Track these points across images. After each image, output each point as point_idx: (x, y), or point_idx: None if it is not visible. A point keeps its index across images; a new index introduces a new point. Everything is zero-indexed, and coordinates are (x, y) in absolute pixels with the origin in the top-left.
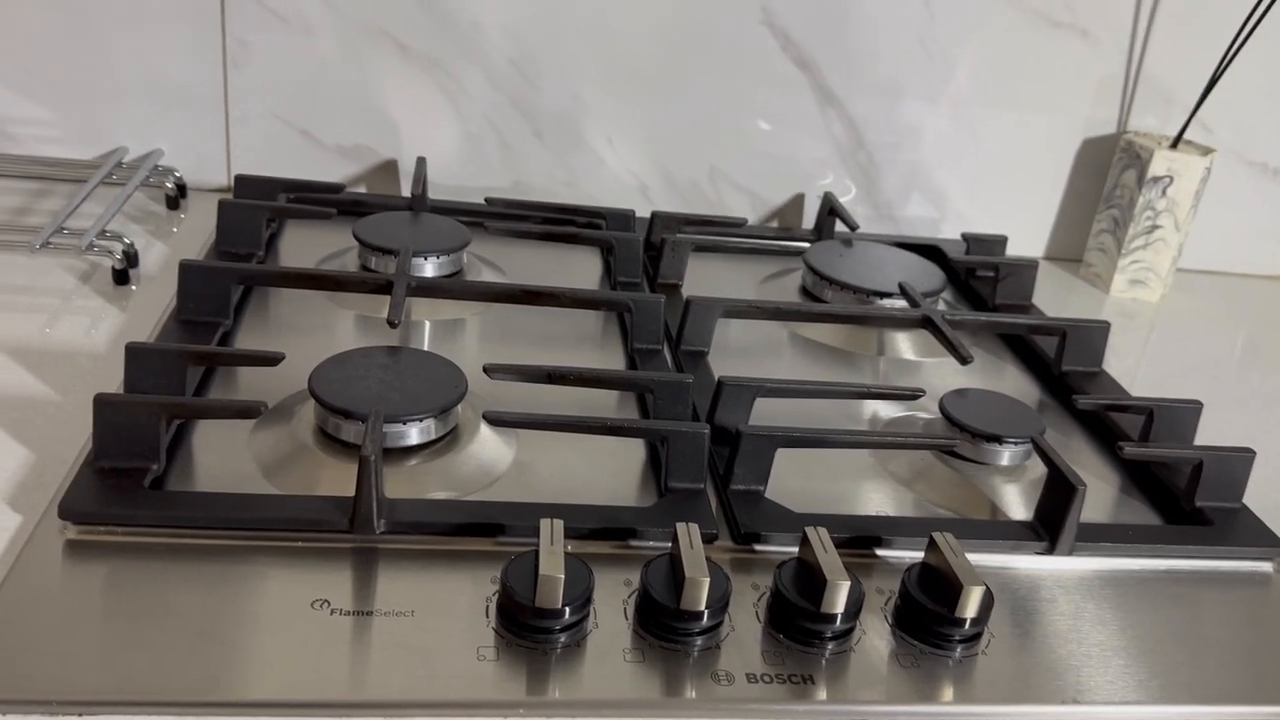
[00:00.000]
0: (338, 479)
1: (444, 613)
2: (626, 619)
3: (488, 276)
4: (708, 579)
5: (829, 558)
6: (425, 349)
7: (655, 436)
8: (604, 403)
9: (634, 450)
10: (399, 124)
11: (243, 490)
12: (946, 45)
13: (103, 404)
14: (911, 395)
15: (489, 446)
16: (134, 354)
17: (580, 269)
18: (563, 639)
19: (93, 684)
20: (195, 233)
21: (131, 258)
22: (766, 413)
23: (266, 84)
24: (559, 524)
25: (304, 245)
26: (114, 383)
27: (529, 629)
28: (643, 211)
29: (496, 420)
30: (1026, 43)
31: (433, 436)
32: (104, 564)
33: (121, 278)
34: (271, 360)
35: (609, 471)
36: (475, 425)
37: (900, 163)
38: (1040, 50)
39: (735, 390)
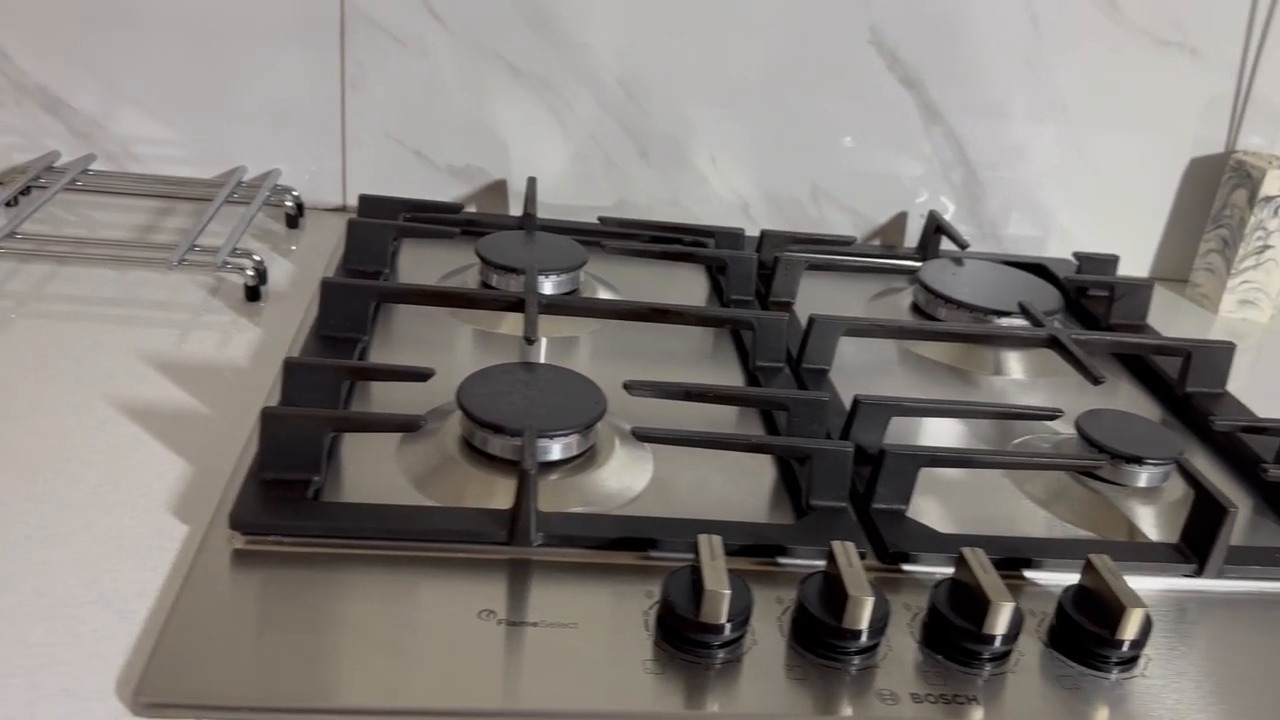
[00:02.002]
0: (484, 491)
1: (605, 625)
2: (782, 635)
3: (602, 294)
4: (872, 598)
5: (990, 578)
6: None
7: (798, 454)
8: (724, 419)
9: (765, 467)
10: (508, 144)
11: (397, 501)
12: (1053, 64)
13: (269, 417)
14: (1049, 416)
15: (626, 462)
16: (291, 369)
17: (687, 286)
18: (722, 654)
19: (277, 690)
20: (314, 250)
21: (262, 274)
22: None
23: (382, 105)
24: (717, 540)
25: (422, 262)
26: (258, 395)
27: (691, 643)
28: (744, 229)
29: (645, 436)
30: (1134, 61)
31: (574, 452)
32: (272, 573)
33: (253, 294)
34: (422, 376)
35: (744, 489)
36: (611, 441)
37: (1004, 181)
38: (1147, 69)
39: (871, 409)
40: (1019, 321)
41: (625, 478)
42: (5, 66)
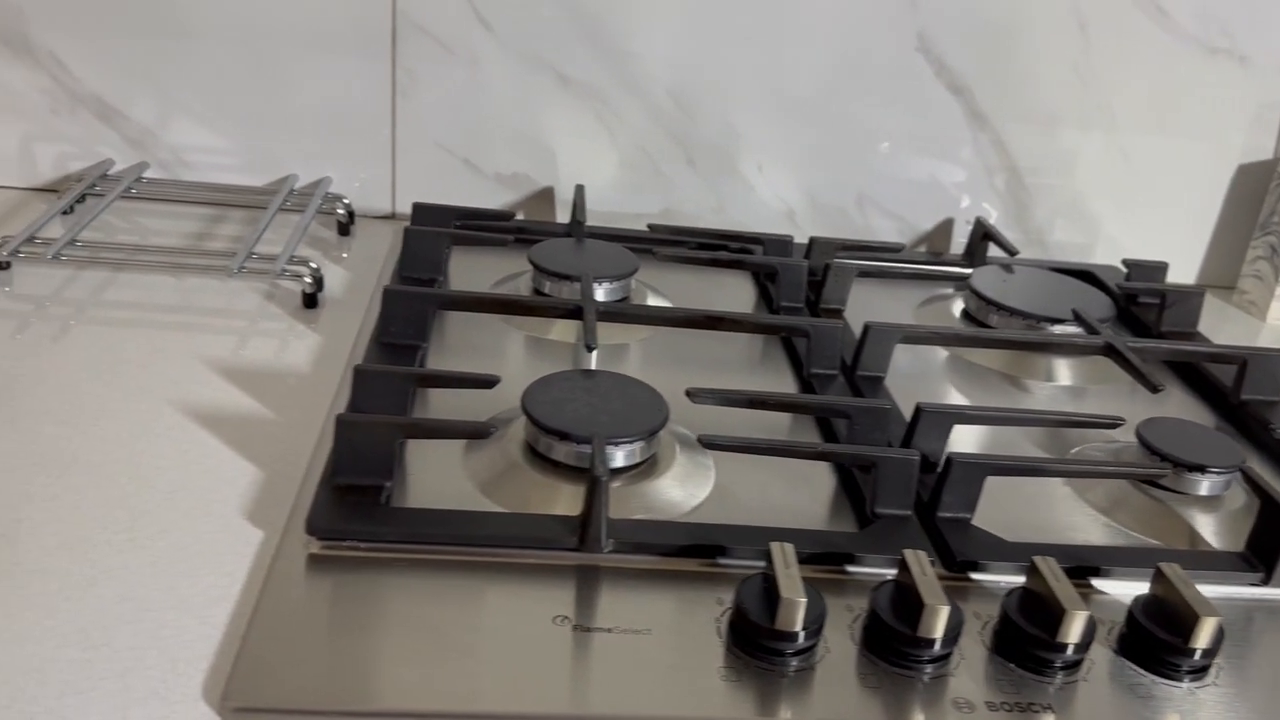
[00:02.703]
0: (549, 496)
1: (678, 631)
2: (854, 643)
3: (652, 300)
4: (948, 606)
5: (1063, 587)
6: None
7: (864, 462)
8: (776, 426)
9: (824, 475)
10: (556, 152)
11: (465, 507)
12: (1101, 72)
13: (344, 424)
14: (1111, 424)
15: (689, 469)
16: (362, 376)
17: (734, 293)
18: (795, 662)
19: (359, 694)
20: (366, 258)
21: (319, 281)
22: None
23: (431, 113)
24: (789, 548)
25: (473, 269)
26: (322, 401)
27: (765, 650)
28: (792, 236)
29: (711, 444)
30: (1182, 69)
31: (637, 459)
32: (347, 578)
33: (310, 301)
34: (488, 383)
35: (805, 496)
36: (671, 447)
37: (1051, 188)
38: (1196, 76)
39: (934, 417)
40: (1072, 329)
41: (688, 485)
42: (61, 76)
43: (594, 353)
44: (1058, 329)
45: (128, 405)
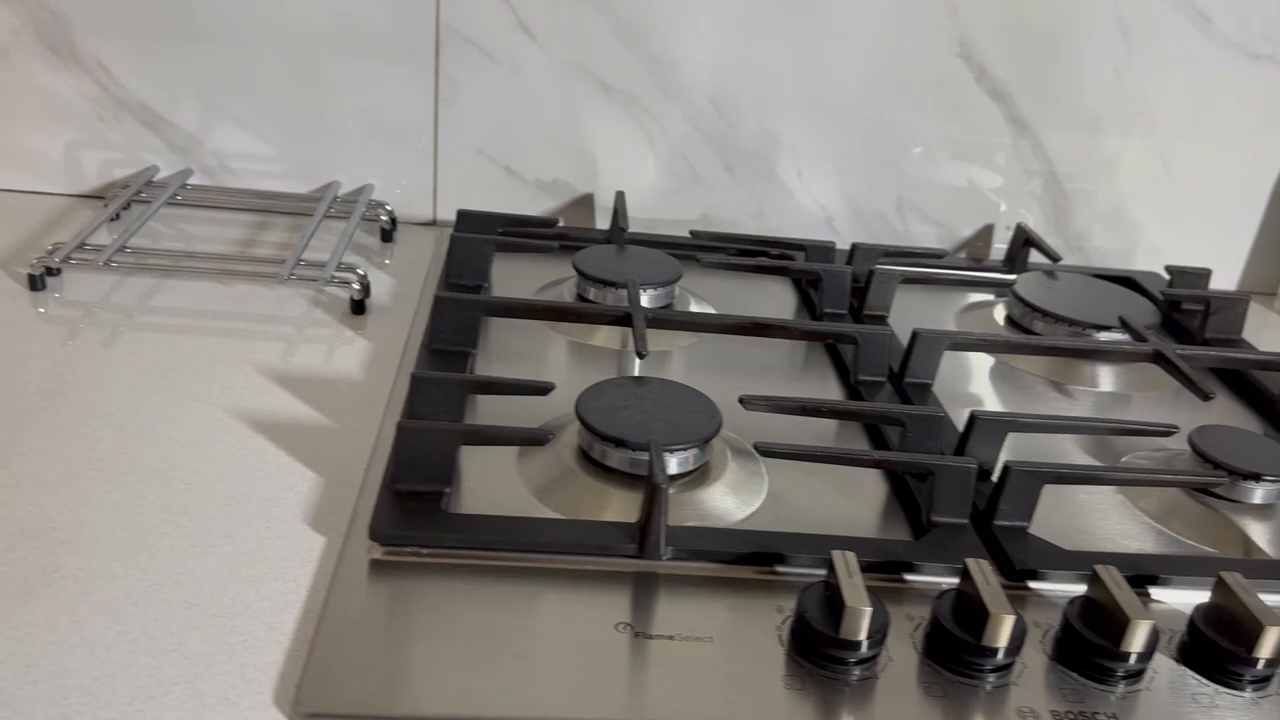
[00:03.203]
0: (603, 503)
1: (739, 639)
2: (916, 651)
3: (694, 307)
4: (1013, 616)
5: (1126, 596)
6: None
7: (921, 470)
8: (821, 432)
9: (876, 482)
10: (596, 159)
11: (521, 512)
12: (1142, 78)
13: (404, 430)
14: (1164, 432)
15: (741, 476)
16: (418, 383)
17: (774, 299)
18: (858, 671)
19: (429, 700)
20: (408, 264)
21: (366, 288)
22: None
23: (473, 120)
24: (852, 556)
25: (515, 275)
26: (375, 407)
27: (829, 659)
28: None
29: (768, 451)
30: (1224, 74)
31: (690, 467)
32: (410, 584)
33: (358, 307)
34: (542, 390)
35: (858, 504)
36: (724, 455)
37: (1092, 194)
38: (1238, 82)
39: (989, 425)
40: (1119, 336)
41: (741, 492)
42: (108, 83)
43: (629, 358)
44: (1104, 336)
45: (184, 411)
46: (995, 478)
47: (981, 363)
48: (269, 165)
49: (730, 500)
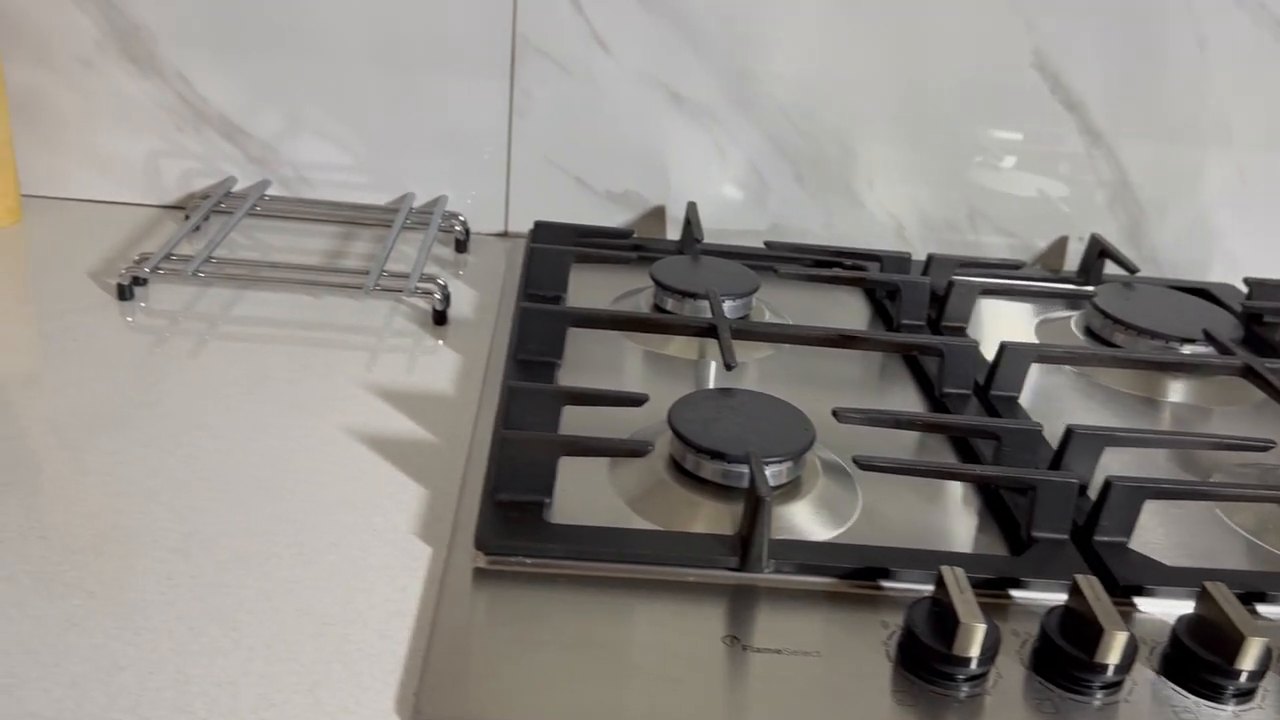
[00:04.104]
0: (696, 513)
1: (847, 654)
2: (1024, 667)
3: (769, 318)
4: (1126, 633)
5: (1239, 614)
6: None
7: (1023, 485)
8: (905, 445)
9: (968, 496)
10: (666, 170)
11: (617, 523)
12: (1218, 87)
13: (506, 441)
14: (1262, 446)
15: (834, 489)
16: (515, 393)
17: (849, 310)
18: (968, 687)
19: (546, 710)
20: (483, 274)
21: (448, 298)
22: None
23: (546, 132)
24: (961, 572)
25: (590, 285)
26: (465, 416)
27: (939, 675)
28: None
29: (868, 465)
30: None
31: (784, 480)
32: (516, 593)
33: (440, 317)
34: (637, 401)
35: (952, 518)
36: (814, 468)
37: (1167, 205)
38: None
39: (1085, 439)
40: (1203, 349)
41: (835, 505)
42: (188, 94)
43: (703, 369)
44: (1188, 349)
45: (280, 420)
46: (1096, 493)
47: (1054, 375)
48: (344, 175)
49: (824, 513)
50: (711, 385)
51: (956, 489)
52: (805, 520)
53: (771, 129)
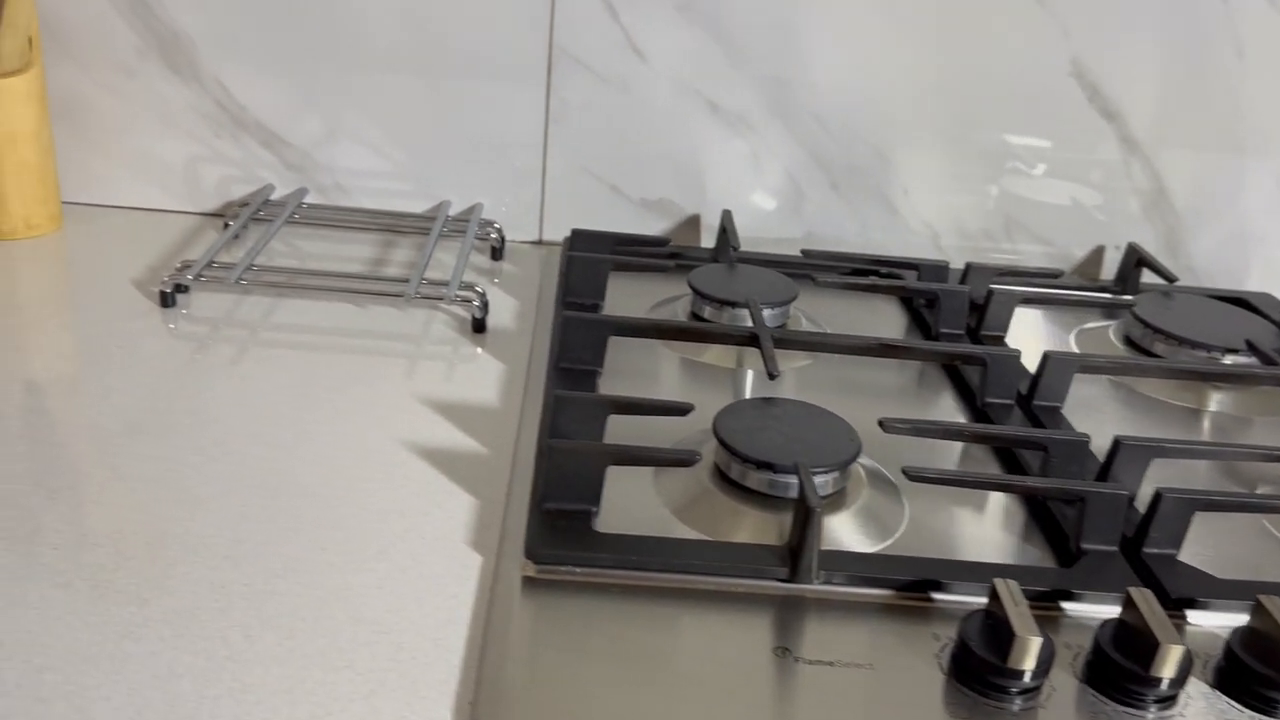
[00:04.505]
0: (741, 522)
1: (900, 666)
2: (1076, 679)
3: (806, 326)
4: (1182, 646)
5: None
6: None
7: (1072, 496)
8: (946, 455)
9: (1013, 507)
10: (702, 178)
11: (663, 532)
12: (1256, 96)
13: (554, 450)
14: None
15: (879, 500)
16: (561, 402)
17: (885, 319)
18: (1021, 700)
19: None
20: (519, 282)
21: (486, 306)
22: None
23: (581, 140)
24: (1014, 584)
25: (626, 294)
26: (508, 424)
27: (993, 688)
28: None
29: (917, 476)
30: None
31: (830, 490)
32: (566, 603)
33: (479, 325)
34: (682, 411)
35: (999, 530)
36: (859, 478)
37: (1204, 214)
38: None
39: (1133, 450)
40: (1245, 359)
41: (881, 516)
42: (227, 102)
43: (773, 380)
44: (1230, 359)
45: (325, 428)
46: (1141, 504)
47: (1090, 383)
48: (380, 182)
49: (870, 525)
50: (748, 393)
51: (999, 500)
52: (851, 531)
53: (807, 137)
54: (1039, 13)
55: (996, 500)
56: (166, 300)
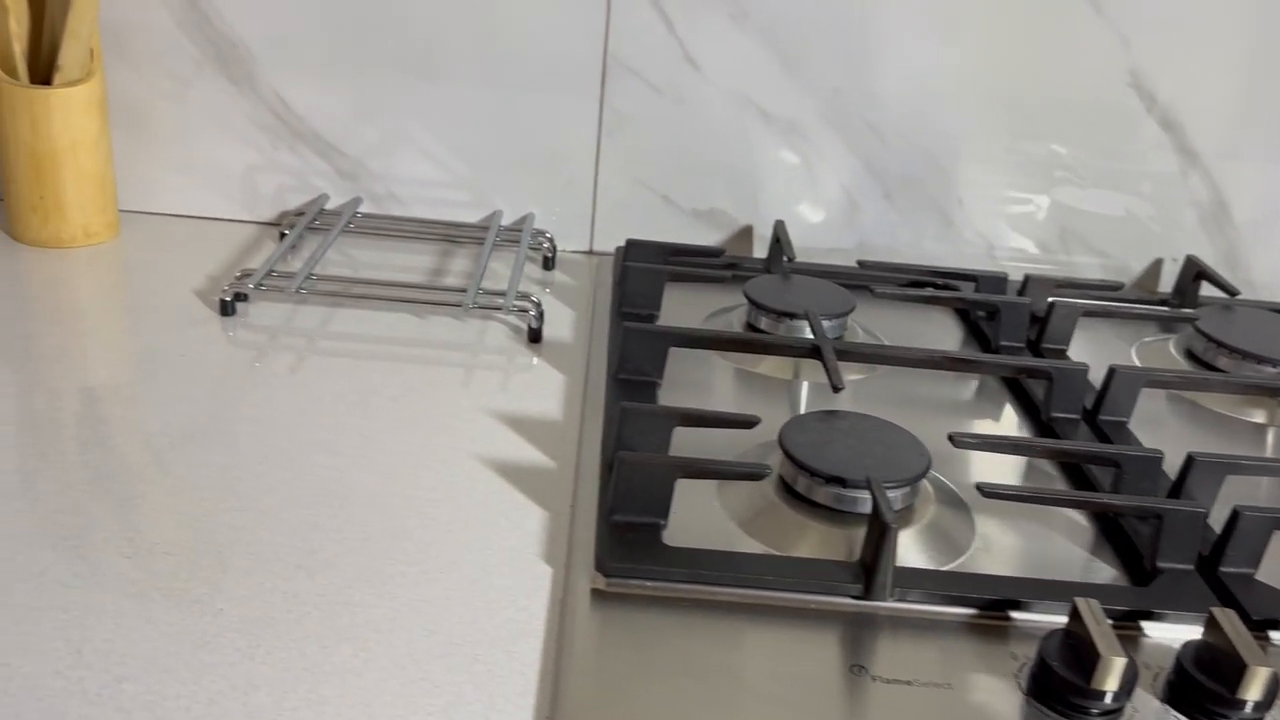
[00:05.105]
0: (807, 536)
1: (978, 686)
2: (1157, 699)
3: (862, 338)
4: (1270, 669)
5: None
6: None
7: (1149, 514)
8: (1011, 470)
9: (1081, 524)
10: (754, 187)
11: (731, 546)
12: None
13: (625, 463)
14: None
15: (948, 516)
16: (628, 413)
17: (941, 330)
18: None
19: None
20: (571, 292)
21: (542, 316)
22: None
23: (634, 151)
24: (1096, 604)
25: (680, 304)
26: (569, 436)
27: (1074, 708)
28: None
29: (992, 493)
30: None
31: (900, 506)
32: (636, 616)
33: (535, 335)
34: (748, 424)
35: (1070, 547)
36: (927, 494)
37: (1264, 226)
38: None
39: (1207, 467)
40: None
41: (951, 532)
42: (283, 112)
43: (837, 393)
44: None
45: (389, 437)
46: (1215, 522)
47: (1149, 397)
48: (434, 191)
49: (940, 541)
50: (804, 404)
51: (1067, 516)
52: (920, 548)
53: (861, 146)
54: (1098, 22)
55: (1064, 516)
56: (226, 309)
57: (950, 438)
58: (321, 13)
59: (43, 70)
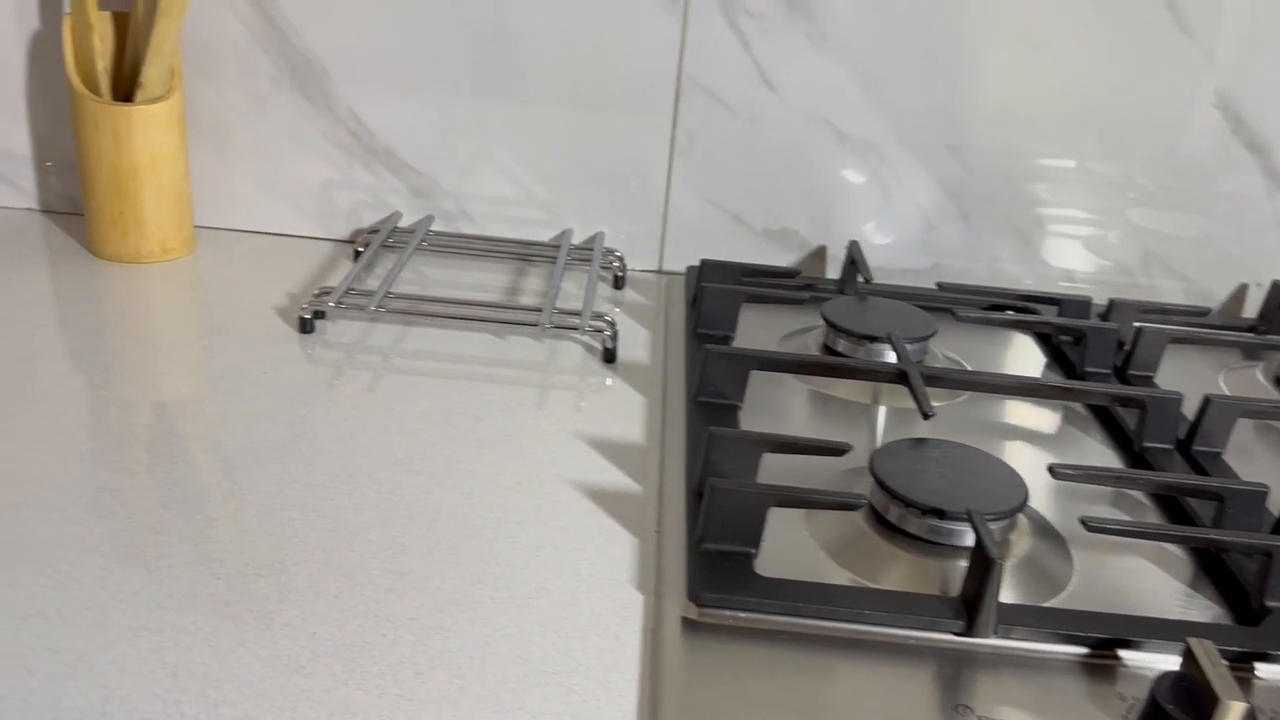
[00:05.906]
0: (898, 567)
1: None
2: None
3: (943, 362)
4: None
5: None
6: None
7: (1259, 550)
8: (1097, 501)
9: (1178, 559)
10: (828, 208)
11: (821, 576)
12: None
13: (717, 490)
14: None
15: (1044, 550)
16: (716, 439)
17: (1022, 355)
18: None
19: None
20: (641, 311)
21: (616, 336)
22: None
23: (706, 170)
24: (1210, 645)
25: (754, 325)
26: (650, 459)
27: None
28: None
29: (1097, 527)
30: None
31: (999, 539)
32: (730, 648)
33: (610, 355)
34: (839, 451)
35: (1171, 583)
36: (1023, 527)
37: None
38: None
39: None
40: None
41: (1049, 567)
42: (358, 129)
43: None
44: None
45: (472, 458)
46: None
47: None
48: (502, 209)
49: (1039, 576)
50: (883, 429)
51: (1165, 551)
52: (1019, 583)
53: (938, 167)
54: (1183, 41)
55: (1162, 550)
56: (305, 326)
57: (1050, 469)
58: (396, 31)
59: (125, 87)
